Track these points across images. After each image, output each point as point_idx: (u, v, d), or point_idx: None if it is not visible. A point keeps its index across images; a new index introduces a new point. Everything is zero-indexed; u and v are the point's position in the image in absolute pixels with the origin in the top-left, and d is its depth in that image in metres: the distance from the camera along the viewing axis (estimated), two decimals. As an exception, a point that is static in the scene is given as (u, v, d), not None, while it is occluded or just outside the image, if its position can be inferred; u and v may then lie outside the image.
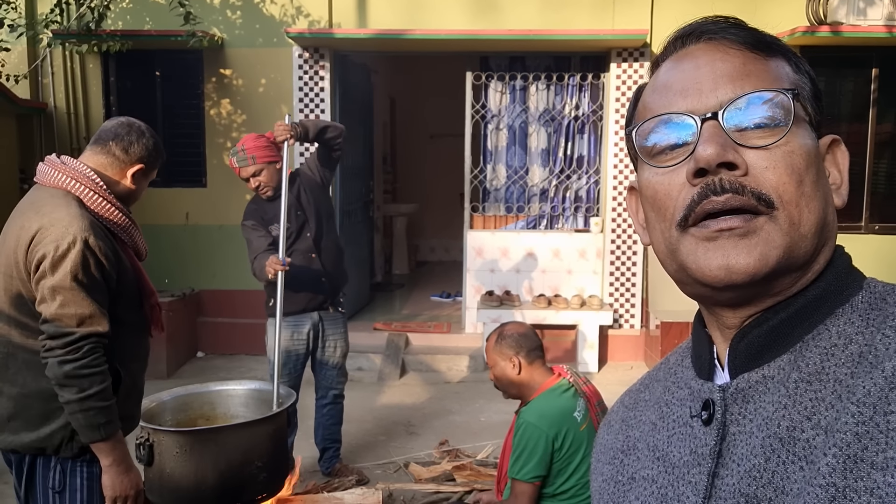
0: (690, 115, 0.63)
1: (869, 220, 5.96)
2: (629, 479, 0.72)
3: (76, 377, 1.80)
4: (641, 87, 0.72)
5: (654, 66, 0.71)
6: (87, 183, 1.91)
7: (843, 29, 5.42)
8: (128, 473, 1.92)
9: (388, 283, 8.24)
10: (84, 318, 1.82)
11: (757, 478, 0.58)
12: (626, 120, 0.74)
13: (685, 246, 0.63)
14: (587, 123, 6.04)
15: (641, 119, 0.68)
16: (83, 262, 1.81)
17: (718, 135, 0.61)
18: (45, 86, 6.07)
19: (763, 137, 0.61)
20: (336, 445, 3.83)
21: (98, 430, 1.84)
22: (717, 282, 0.61)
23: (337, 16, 5.95)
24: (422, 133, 9.72)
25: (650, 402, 0.75)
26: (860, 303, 0.62)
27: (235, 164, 3.50)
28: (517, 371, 2.42)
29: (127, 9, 5.98)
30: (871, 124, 5.87)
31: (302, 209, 3.64)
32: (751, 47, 0.64)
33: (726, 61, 0.64)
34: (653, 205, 0.66)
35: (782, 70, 0.65)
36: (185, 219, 6.17)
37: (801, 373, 0.60)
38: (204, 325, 6.17)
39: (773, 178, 0.60)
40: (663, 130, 0.64)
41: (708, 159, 0.60)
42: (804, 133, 0.63)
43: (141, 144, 2.02)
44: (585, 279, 6.01)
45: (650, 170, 0.66)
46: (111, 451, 1.87)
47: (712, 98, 0.62)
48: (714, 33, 0.66)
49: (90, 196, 1.90)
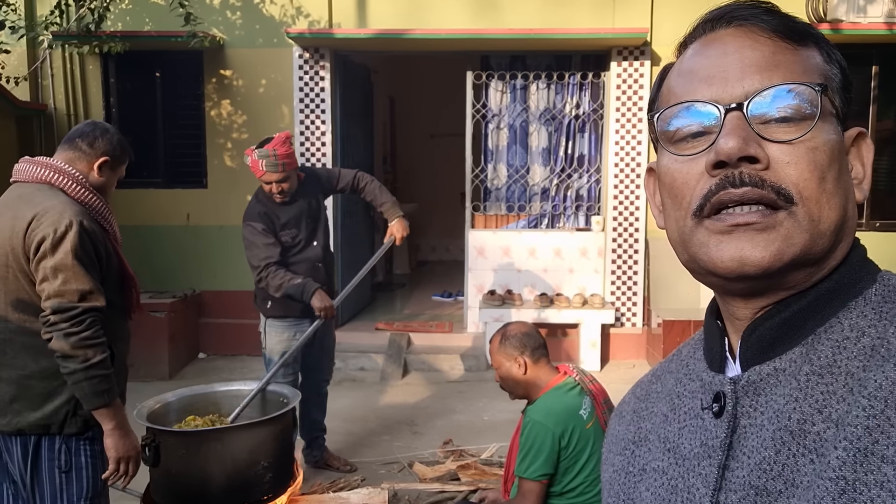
0: (714, 104, 0.61)
1: (870, 218, 5.97)
2: (640, 470, 0.72)
3: (81, 347, 1.94)
4: (667, 68, 0.70)
5: (681, 46, 0.69)
6: (67, 175, 2.06)
7: (843, 27, 5.42)
8: (129, 436, 2.08)
9: (390, 283, 8.24)
10: (85, 293, 1.96)
11: (767, 470, 0.57)
12: (649, 101, 0.72)
13: (698, 237, 0.62)
14: (588, 122, 6.04)
15: (665, 103, 0.67)
16: (81, 242, 1.96)
17: (741, 127, 0.60)
18: (44, 87, 6.07)
19: (787, 132, 0.60)
20: (322, 434, 3.91)
21: (102, 396, 1.98)
22: (729, 272, 0.60)
23: (337, 16, 5.95)
24: (422, 133, 9.72)
25: (662, 393, 0.75)
26: (874, 296, 0.61)
27: (263, 167, 3.40)
28: (523, 371, 2.42)
29: (127, 10, 5.98)
30: (871, 122, 5.88)
31: (312, 217, 3.66)
32: (782, 36, 0.63)
33: (755, 49, 0.62)
34: (670, 192, 0.65)
35: (813, 61, 0.63)
36: (185, 220, 6.17)
37: (812, 366, 0.59)
38: (206, 325, 6.17)
39: (794, 174, 0.59)
40: (686, 117, 0.63)
41: (729, 153, 0.59)
42: (830, 128, 0.62)
43: (105, 139, 2.16)
44: (587, 278, 6.01)
45: (670, 156, 0.65)
46: (113, 416, 2.02)
47: (738, 88, 0.61)
48: (745, 18, 0.64)
49: (73, 187, 2.06)
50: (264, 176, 3.43)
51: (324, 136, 5.98)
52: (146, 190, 6.13)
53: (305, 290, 3.41)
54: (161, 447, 2.40)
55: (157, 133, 6.21)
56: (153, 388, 4.33)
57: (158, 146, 6.21)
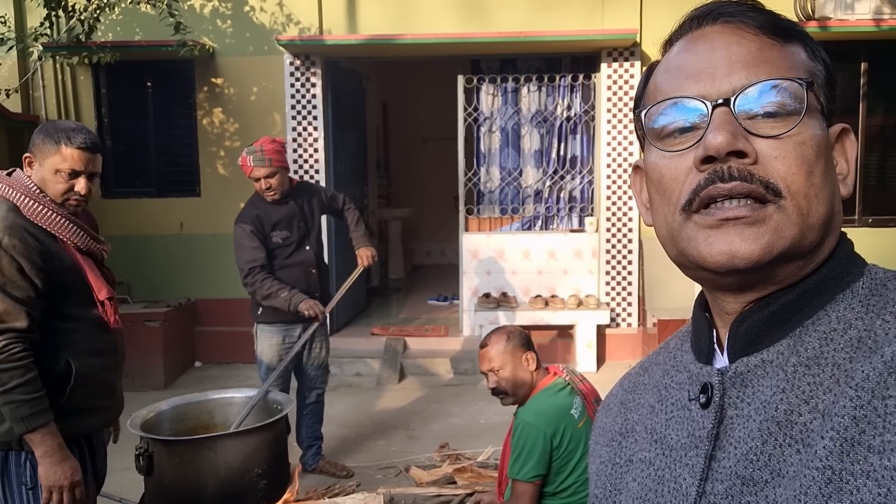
0: (702, 100, 0.62)
1: (862, 213, 5.99)
2: (627, 461, 0.72)
3: None
4: (653, 66, 0.70)
5: (667, 43, 0.69)
6: (20, 189, 2.02)
7: (831, 24, 5.45)
8: (61, 464, 1.97)
9: (385, 288, 8.24)
10: None
11: (753, 460, 0.58)
12: (635, 98, 0.73)
13: (687, 232, 0.62)
14: (579, 124, 6.06)
15: (652, 100, 0.67)
16: None
17: (729, 122, 0.60)
18: (36, 99, 6.07)
19: (774, 126, 0.60)
20: (318, 442, 3.92)
21: (23, 422, 1.90)
22: (719, 266, 0.60)
23: (327, 22, 5.96)
24: (415, 137, 9.73)
25: (649, 385, 0.75)
26: (861, 289, 0.62)
27: (250, 162, 3.50)
28: (534, 367, 2.42)
29: (117, 20, 5.98)
30: (861, 118, 5.90)
31: (305, 221, 3.70)
32: (768, 32, 0.63)
33: (742, 46, 0.63)
34: (658, 188, 0.65)
35: (798, 57, 0.64)
36: (179, 228, 6.16)
37: (800, 357, 0.60)
38: (200, 334, 6.16)
39: (782, 168, 0.59)
40: (673, 113, 0.64)
41: (718, 147, 0.59)
42: (816, 123, 0.62)
43: (35, 135, 2.08)
44: (581, 279, 6.02)
45: (657, 153, 0.65)
46: (41, 443, 1.93)
47: (725, 83, 0.61)
48: (731, 15, 0.64)
49: (24, 201, 2.01)
50: (253, 172, 3.51)
51: (316, 142, 5.99)
52: (139, 199, 6.13)
53: (292, 302, 3.47)
54: (154, 456, 2.40)
55: (150, 142, 6.21)
56: (149, 397, 4.31)
57: (151, 155, 6.21)
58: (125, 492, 2.91)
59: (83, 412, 2.07)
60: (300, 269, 3.64)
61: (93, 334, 2.12)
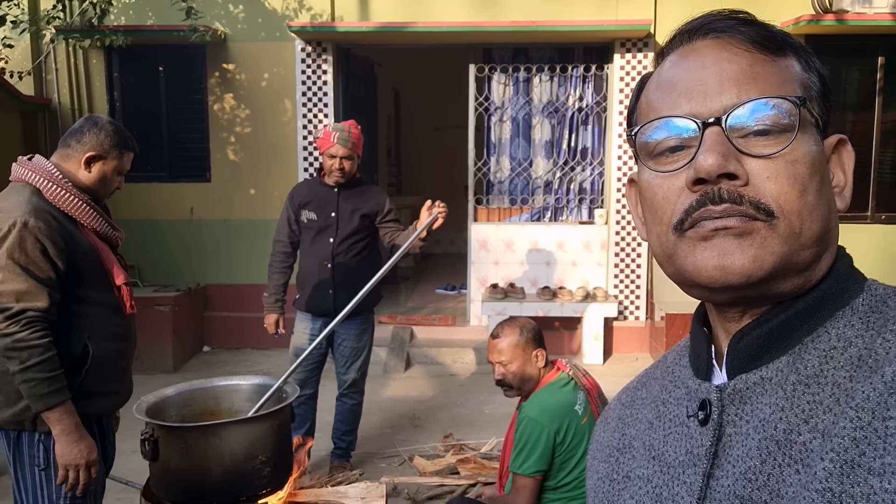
0: (693, 119, 0.61)
1: (875, 210, 5.93)
2: (624, 477, 0.72)
3: (16, 349, 1.92)
4: (645, 79, 0.70)
5: (658, 56, 0.69)
6: (43, 174, 2.06)
7: (849, 17, 5.37)
8: (77, 443, 2.00)
9: (393, 276, 8.24)
10: (21, 294, 1.94)
11: (752, 480, 0.57)
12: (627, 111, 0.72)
13: (681, 249, 0.62)
14: (591, 115, 6.02)
15: (644, 117, 0.67)
16: (20, 243, 1.95)
17: (720, 143, 0.59)
18: (48, 82, 6.09)
19: (766, 146, 0.60)
20: (340, 444, 3.80)
21: (41, 400, 1.94)
22: (713, 282, 0.60)
23: (339, 9, 5.94)
24: (426, 125, 9.70)
25: (647, 400, 0.74)
26: (861, 305, 0.61)
27: (334, 139, 3.44)
28: (542, 364, 2.42)
29: (129, 4, 5.98)
30: (876, 113, 5.83)
31: (337, 211, 3.56)
32: (760, 47, 0.62)
33: (733, 62, 0.62)
34: (650, 207, 0.65)
35: (791, 71, 0.63)
36: (189, 214, 6.19)
37: (799, 375, 0.59)
38: (210, 319, 6.20)
39: (774, 189, 0.59)
40: (664, 132, 0.63)
41: (708, 170, 0.59)
42: (809, 139, 0.61)
43: (92, 134, 2.15)
44: (590, 271, 6.01)
45: (650, 172, 0.65)
46: (58, 421, 1.97)
47: (717, 102, 0.61)
48: (722, 31, 0.63)
49: (47, 186, 2.05)
50: (332, 148, 3.47)
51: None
52: (150, 184, 6.15)
53: (264, 303, 3.64)
54: (160, 442, 2.42)
55: (161, 127, 6.23)
56: (158, 381, 4.34)
57: (162, 140, 6.23)
58: (131, 474, 2.95)
59: (95, 395, 2.11)
60: (315, 260, 3.56)
61: (109, 319, 2.16)
